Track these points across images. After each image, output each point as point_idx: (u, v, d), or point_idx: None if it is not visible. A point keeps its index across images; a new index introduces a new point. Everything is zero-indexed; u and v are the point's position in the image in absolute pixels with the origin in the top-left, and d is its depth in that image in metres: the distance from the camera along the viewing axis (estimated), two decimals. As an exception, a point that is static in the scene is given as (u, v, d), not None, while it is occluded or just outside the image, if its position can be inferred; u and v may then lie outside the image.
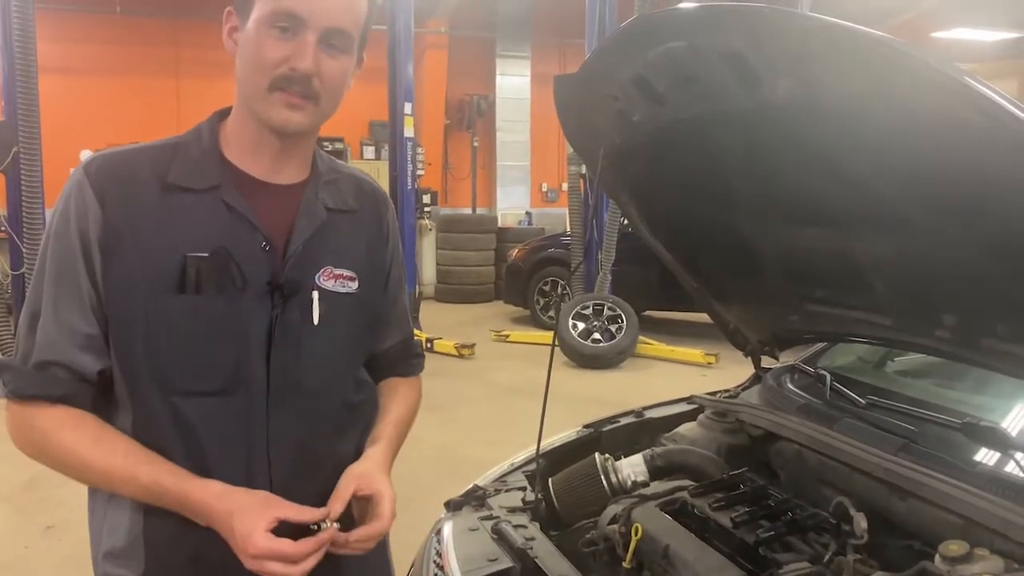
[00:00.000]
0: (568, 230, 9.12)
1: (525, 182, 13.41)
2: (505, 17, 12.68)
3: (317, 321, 1.25)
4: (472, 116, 12.93)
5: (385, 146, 10.37)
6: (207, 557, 1.18)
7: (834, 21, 1.12)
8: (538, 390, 1.77)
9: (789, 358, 2.25)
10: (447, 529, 1.70)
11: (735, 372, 2.44)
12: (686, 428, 2.07)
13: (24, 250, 5.97)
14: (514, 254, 9.83)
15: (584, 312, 7.64)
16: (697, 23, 1.33)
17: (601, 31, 7.75)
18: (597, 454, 1.84)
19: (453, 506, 1.80)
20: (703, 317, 2.43)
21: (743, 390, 2.21)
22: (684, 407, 2.24)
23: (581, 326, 7.57)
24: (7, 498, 4.27)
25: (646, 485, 1.80)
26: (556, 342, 1.95)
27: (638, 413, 2.22)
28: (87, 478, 1.21)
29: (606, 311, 7.64)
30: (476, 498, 1.81)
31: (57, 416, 1.16)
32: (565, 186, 9.36)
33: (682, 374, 7.14)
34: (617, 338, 7.48)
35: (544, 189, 13.78)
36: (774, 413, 1.90)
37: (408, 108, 8.20)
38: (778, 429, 1.84)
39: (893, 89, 1.13)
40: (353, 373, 1.37)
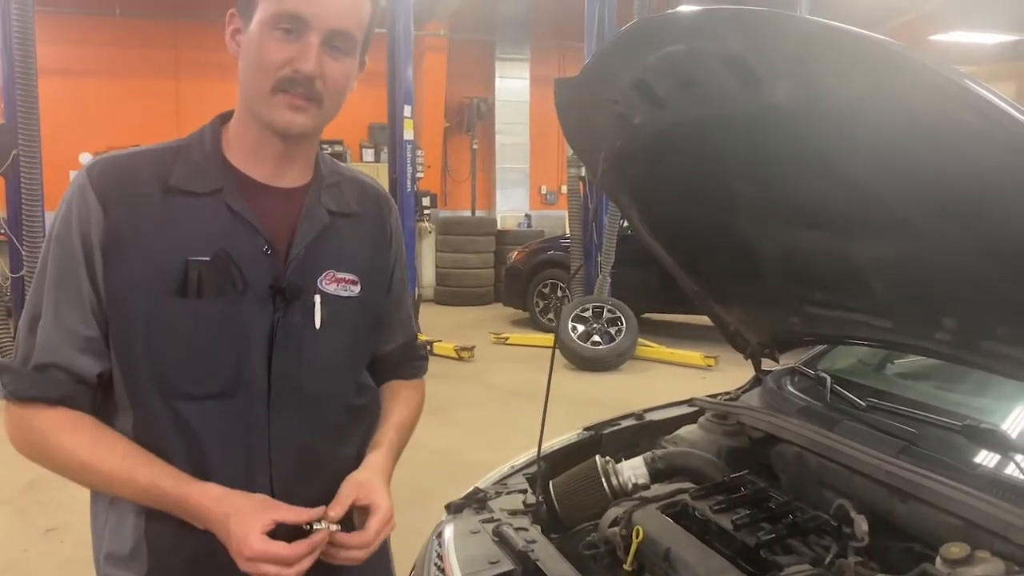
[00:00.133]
0: (567, 232, 9.12)
1: (524, 185, 13.39)
2: (504, 20, 12.66)
3: (319, 325, 1.25)
4: (471, 119, 12.91)
5: (384, 149, 10.35)
6: (206, 560, 1.18)
7: (833, 24, 1.12)
8: (538, 392, 1.77)
9: (789, 361, 2.25)
10: (448, 532, 1.70)
11: (735, 374, 2.44)
12: (686, 431, 2.07)
13: (24, 253, 5.95)
14: (513, 256, 9.83)
15: (584, 314, 7.64)
16: (696, 27, 1.33)
17: (600, 34, 7.74)
18: (598, 456, 1.84)
19: (454, 509, 1.80)
20: (703, 319, 2.43)
21: (743, 392, 2.21)
22: (684, 409, 2.24)
23: (581, 328, 7.56)
24: (7, 501, 4.26)
25: (647, 488, 1.80)
26: (556, 344, 1.95)
27: (638, 416, 2.22)
28: (86, 480, 1.21)
29: (606, 313, 7.63)
30: (477, 501, 1.81)
31: (56, 418, 1.17)
32: (564, 189, 9.38)
33: (682, 376, 7.14)
34: (617, 340, 7.48)
35: (543, 192, 13.77)
36: (775, 415, 1.90)
37: (407, 111, 8.20)
38: (779, 431, 1.84)
39: (892, 91, 1.13)
40: (355, 377, 1.37)
